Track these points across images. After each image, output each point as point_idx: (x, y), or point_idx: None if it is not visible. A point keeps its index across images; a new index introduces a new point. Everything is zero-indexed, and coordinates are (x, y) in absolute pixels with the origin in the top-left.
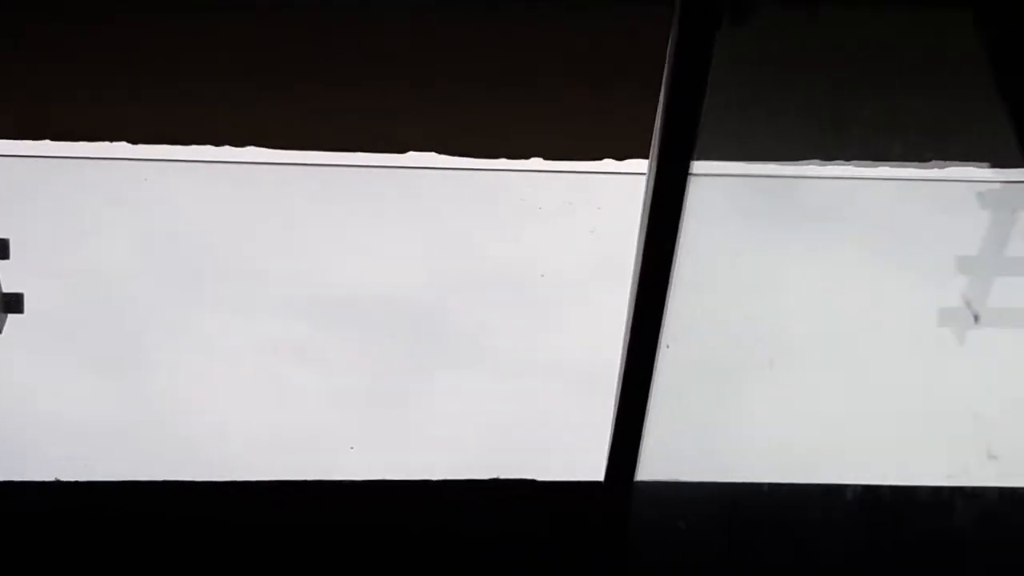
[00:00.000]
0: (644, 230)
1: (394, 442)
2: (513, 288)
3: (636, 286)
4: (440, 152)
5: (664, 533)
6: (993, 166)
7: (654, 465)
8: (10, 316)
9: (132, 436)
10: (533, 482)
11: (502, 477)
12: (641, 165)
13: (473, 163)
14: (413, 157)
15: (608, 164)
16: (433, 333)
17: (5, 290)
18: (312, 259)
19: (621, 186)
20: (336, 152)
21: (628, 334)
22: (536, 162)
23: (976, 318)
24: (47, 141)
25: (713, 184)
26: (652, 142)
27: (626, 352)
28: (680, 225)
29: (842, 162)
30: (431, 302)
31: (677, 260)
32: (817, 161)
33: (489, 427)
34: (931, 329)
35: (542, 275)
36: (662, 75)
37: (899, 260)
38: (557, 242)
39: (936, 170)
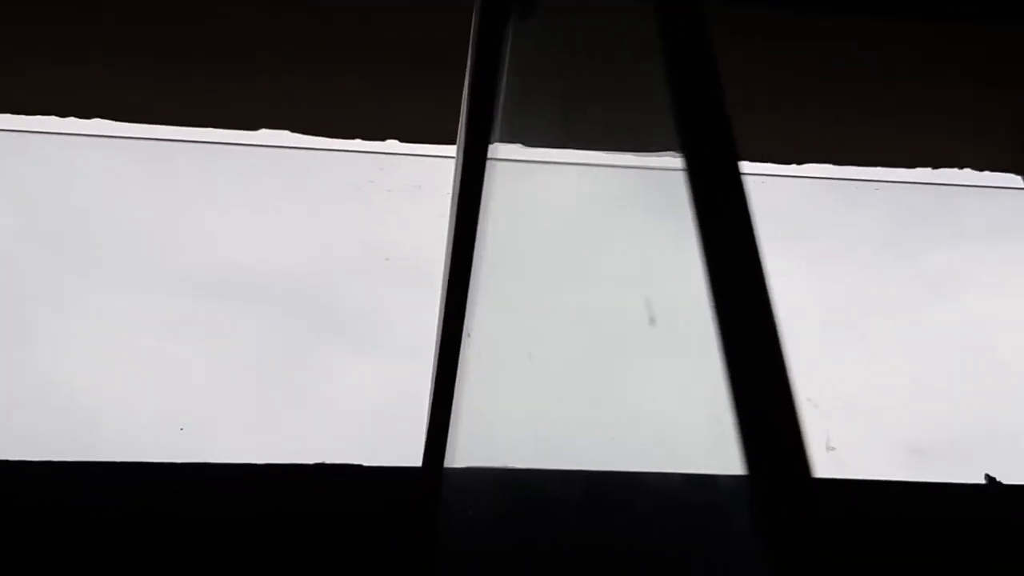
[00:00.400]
0: (452, 216)
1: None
2: (361, 271)
3: (445, 273)
4: (293, 131)
5: (461, 519)
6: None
7: (464, 451)
8: None
9: (15, 414)
10: (358, 467)
11: (327, 462)
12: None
13: (325, 143)
14: (266, 135)
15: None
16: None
17: None
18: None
19: None
20: (187, 128)
21: (440, 322)
22: (391, 144)
23: (652, 320)
24: None
25: (521, 169)
26: (459, 127)
27: (438, 339)
28: (483, 210)
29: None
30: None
31: (486, 247)
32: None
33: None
34: None
35: (387, 259)
36: None
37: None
38: (404, 226)
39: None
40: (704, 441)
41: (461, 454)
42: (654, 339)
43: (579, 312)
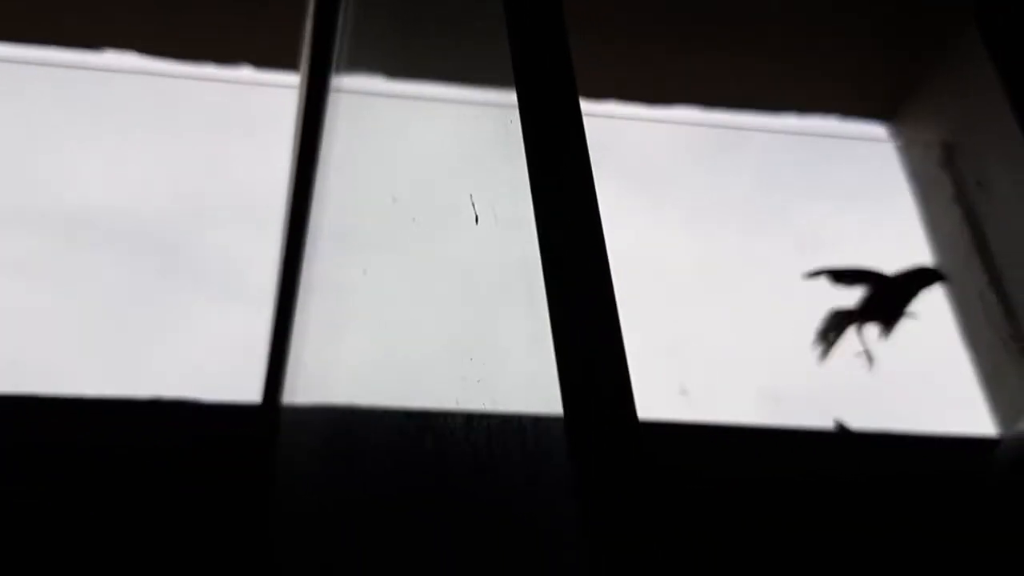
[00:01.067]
0: (293, 149)
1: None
2: (214, 209)
3: (287, 204)
4: (141, 53)
5: (295, 455)
6: None
7: (302, 389)
8: None
9: None
10: (194, 402)
11: (163, 397)
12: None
13: (175, 68)
14: (112, 58)
15: None
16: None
17: None
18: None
19: None
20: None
21: (280, 258)
22: (245, 72)
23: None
24: None
25: (362, 102)
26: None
27: (278, 275)
28: (324, 143)
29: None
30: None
31: (327, 181)
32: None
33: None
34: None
35: (238, 196)
36: None
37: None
38: (261, 161)
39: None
40: (526, 382)
41: (300, 391)
42: (490, 278)
43: (416, 249)
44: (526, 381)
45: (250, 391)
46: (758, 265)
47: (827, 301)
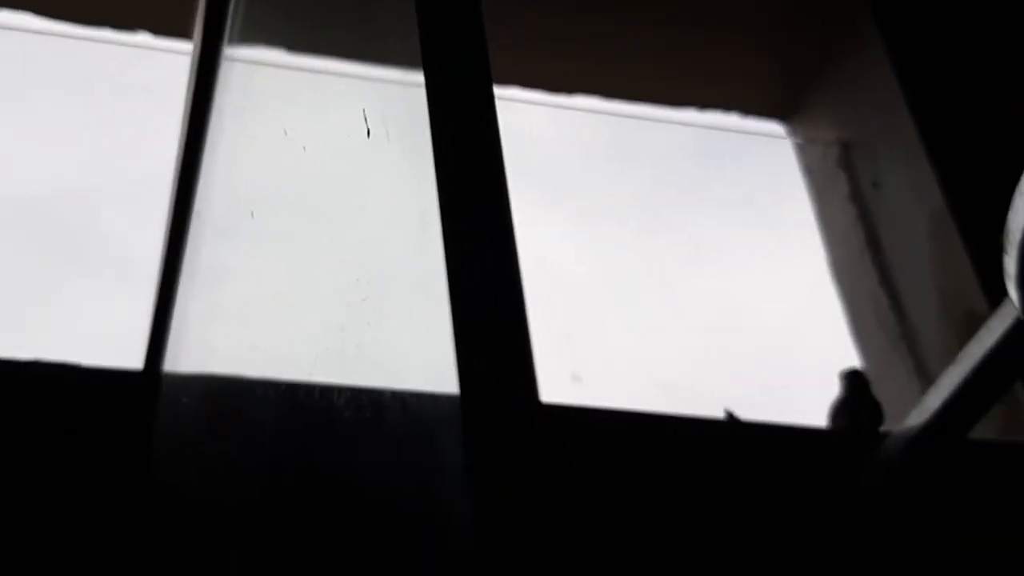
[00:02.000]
0: (184, 119)
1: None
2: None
3: (176, 171)
4: (36, 13)
5: (175, 423)
6: None
7: (182, 356)
8: None
9: None
10: (75, 368)
11: (42, 360)
12: None
13: (71, 30)
14: (5, 16)
15: None
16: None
17: None
18: None
19: None
20: None
21: (166, 226)
22: (143, 37)
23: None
24: None
25: (257, 73)
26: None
27: (164, 242)
28: (216, 115)
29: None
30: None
31: (217, 152)
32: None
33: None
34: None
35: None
36: None
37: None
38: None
39: None
40: (419, 358)
41: (182, 360)
42: (383, 258)
43: (302, 224)
44: (419, 357)
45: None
46: (651, 264)
47: (718, 302)
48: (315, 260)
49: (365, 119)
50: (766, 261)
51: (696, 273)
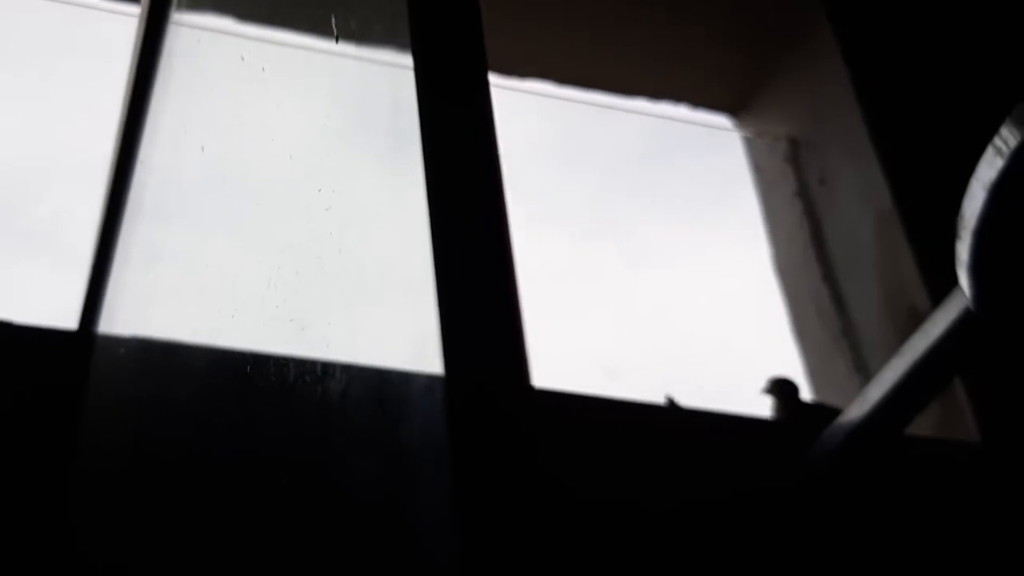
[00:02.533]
0: (128, 81)
1: None
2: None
3: (119, 132)
4: None
5: (108, 384)
6: None
7: (118, 317)
8: None
9: None
10: (7, 324)
11: None
12: None
13: None
14: None
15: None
16: None
17: None
18: None
19: None
20: None
21: (106, 186)
22: None
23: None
24: None
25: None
26: None
27: (103, 203)
28: (162, 79)
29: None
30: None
31: (162, 114)
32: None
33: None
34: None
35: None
36: None
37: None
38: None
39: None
40: (396, 334)
41: (118, 321)
42: (333, 241)
43: (244, 205)
44: (396, 333)
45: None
46: (598, 259)
47: (662, 297)
48: (259, 237)
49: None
50: (711, 256)
51: (643, 266)
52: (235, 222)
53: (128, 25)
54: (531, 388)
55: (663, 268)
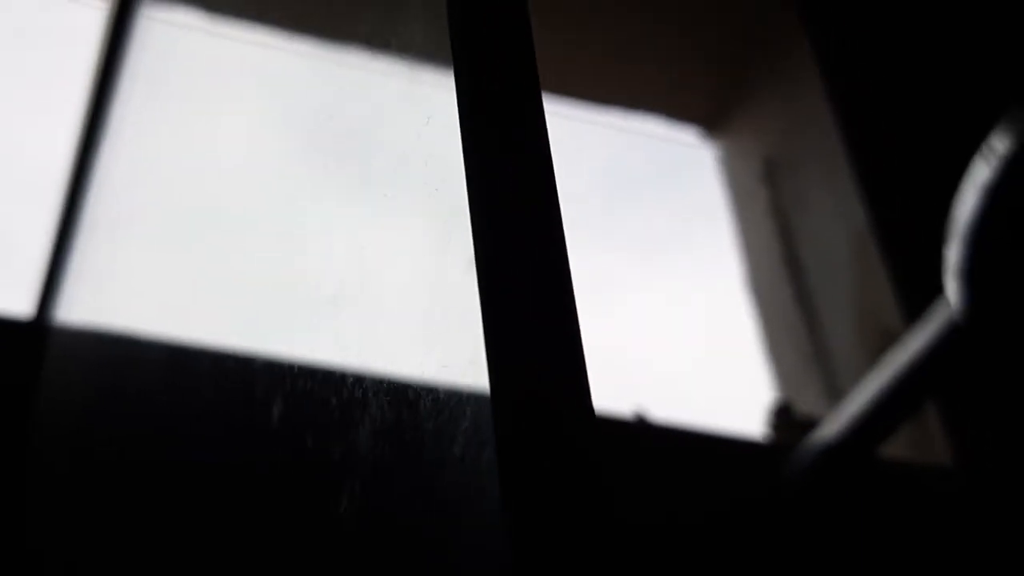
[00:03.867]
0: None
1: None
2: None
3: (82, 124)
4: None
5: (62, 375)
6: None
7: (77, 306)
8: None
9: None
10: None
11: None
12: None
13: None
14: None
15: None
16: None
17: None
18: None
19: None
20: None
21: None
22: None
23: None
24: None
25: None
26: None
27: (65, 187)
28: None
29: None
30: None
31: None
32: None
33: None
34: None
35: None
36: None
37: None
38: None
39: None
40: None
41: (77, 309)
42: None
43: (203, 224)
44: (432, 341)
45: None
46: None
47: (633, 316)
48: (220, 256)
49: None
50: (683, 274)
51: (616, 284)
52: (195, 252)
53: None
54: (592, 408)
55: (631, 288)
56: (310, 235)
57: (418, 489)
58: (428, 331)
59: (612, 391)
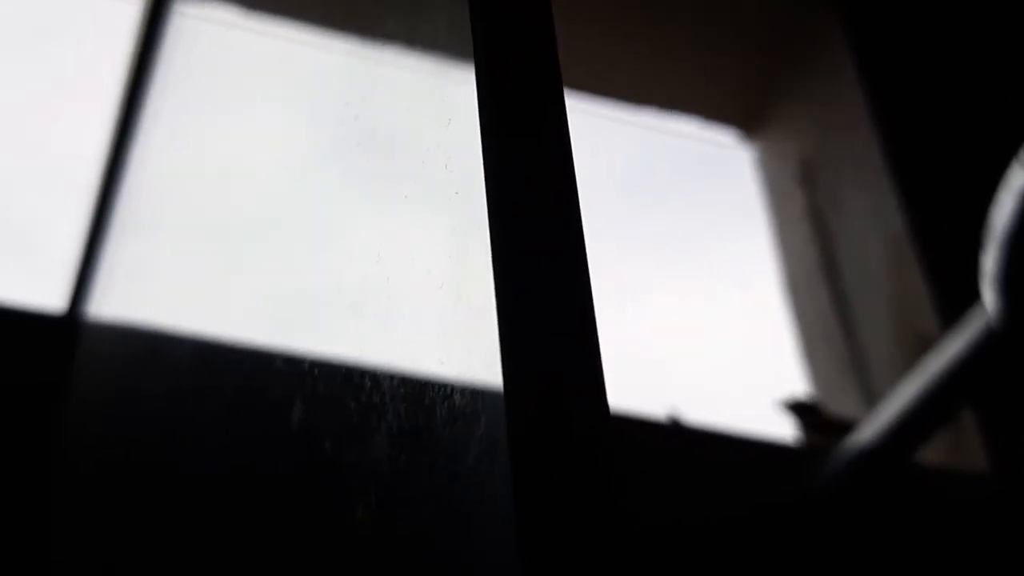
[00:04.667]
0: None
1: None
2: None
3: (116, 119)
4: None
5: (95, 369)
6: None
7: (114, 304)
8: None
9: None
10: None
11: None
12: None
13: None
14: None
15: None
16: None
17: None
18: None
19: None
20: None
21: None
22: None
23: None
24: None
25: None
26: None
27: (99, 186)
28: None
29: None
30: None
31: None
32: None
33: None
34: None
35: None
36: None
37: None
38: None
39: None
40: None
41: (109, 306)
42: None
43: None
44: (446, 336)
45: None
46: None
47: (670, 318)
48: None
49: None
50: (719, 276)
51: (652, 285)
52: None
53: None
54: (607, 413)
55: (666, 290)
56: (334, 235)
57: (431, 495)
58: (446, 332)
59: (646, 393)
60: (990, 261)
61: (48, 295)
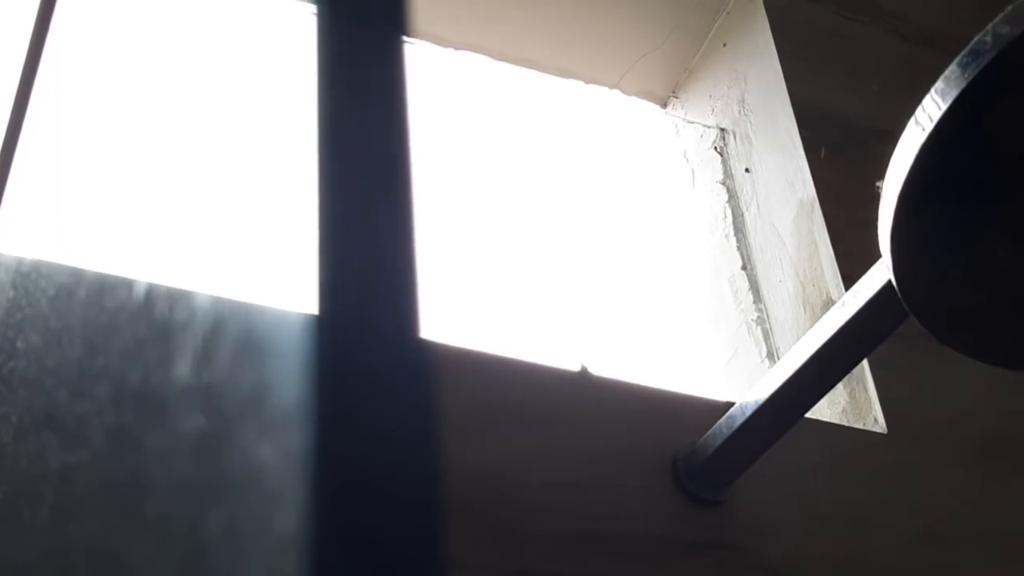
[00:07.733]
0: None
1: None
2: None
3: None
4: None
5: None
6: None
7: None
8: None
9: None
10: None
11: None
12: None
13: None
14: None
15: None
16: None
17: None
18: None
19: None
20: None
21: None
22: None
23: None
24: None
25: None
26: None
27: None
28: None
29: None
30: None
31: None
32: None
33: None
34: None
35: None
36: None
37: None
38: None
39: None
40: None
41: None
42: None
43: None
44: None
45: None
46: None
47: (573, 274)
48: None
49: None
50: (633, 241)
51: (569, 249)
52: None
53: None
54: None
55: (583, 253)
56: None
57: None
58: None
59: (558, 350)
60: (887, 214)
61: None
